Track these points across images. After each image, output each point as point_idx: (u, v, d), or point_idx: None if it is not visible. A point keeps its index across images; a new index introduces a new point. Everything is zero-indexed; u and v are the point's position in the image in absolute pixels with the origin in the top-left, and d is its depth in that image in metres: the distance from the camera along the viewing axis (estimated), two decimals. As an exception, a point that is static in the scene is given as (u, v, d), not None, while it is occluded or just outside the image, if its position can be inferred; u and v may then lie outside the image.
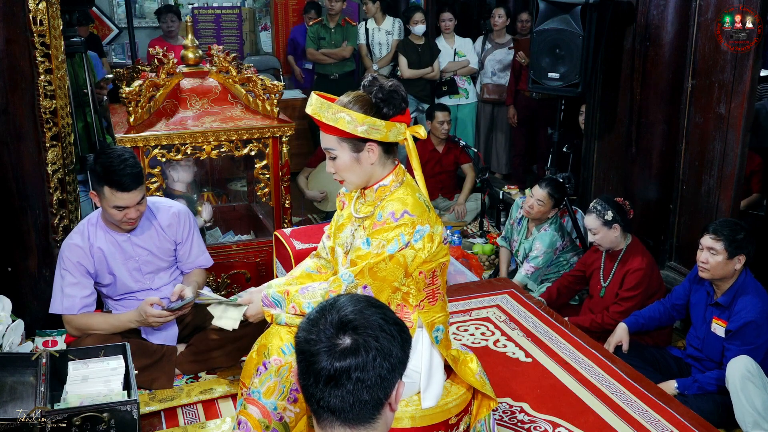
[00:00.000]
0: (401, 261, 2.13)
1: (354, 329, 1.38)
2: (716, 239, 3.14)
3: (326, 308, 1.42)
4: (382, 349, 1.37)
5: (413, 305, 2.24)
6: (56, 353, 2.57)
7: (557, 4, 4.31)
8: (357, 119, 2.12)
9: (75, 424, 2.23)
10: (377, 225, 2.16)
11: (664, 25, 4.08)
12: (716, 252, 3.14)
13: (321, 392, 1.37)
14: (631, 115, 4.36)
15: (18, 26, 3.00)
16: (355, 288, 2.12)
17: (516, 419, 2.81)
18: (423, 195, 2.25)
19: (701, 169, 3.98)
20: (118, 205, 2.78)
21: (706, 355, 3.29)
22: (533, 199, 4.24)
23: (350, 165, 2.20)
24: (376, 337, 1.38)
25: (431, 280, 2.25)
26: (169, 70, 3.57)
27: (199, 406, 2.89)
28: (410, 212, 2.14)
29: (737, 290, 3.18)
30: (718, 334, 3.21)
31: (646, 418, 2.81)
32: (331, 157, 2.22)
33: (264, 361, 2.19)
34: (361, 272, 2.12)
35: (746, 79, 3.69)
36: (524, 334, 3.46)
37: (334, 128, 2.13)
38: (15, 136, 3.10)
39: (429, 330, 2.25)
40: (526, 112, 6.23)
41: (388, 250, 2.12)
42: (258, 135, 3.59)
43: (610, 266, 3.79)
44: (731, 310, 3.18)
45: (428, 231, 2.16)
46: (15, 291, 3.14)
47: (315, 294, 2.18)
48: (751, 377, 2.97)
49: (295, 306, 2.19)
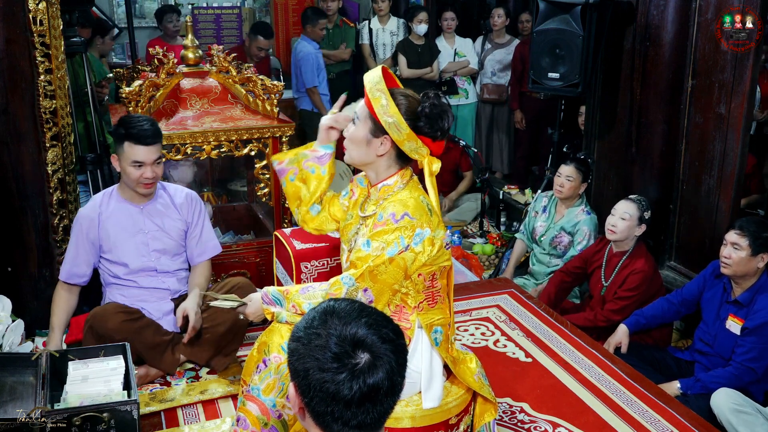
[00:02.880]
0: (401, 264, 2.13)
1: (362, 344, 1.34)
2: (741, 235, 3.13)
3: (319, 333, 1.35)
4: (394, 352, 1.36)
5: (412, 306, 2.25)
6: (56, 353, 2.57)
7: (557, 4, 4.31)
8: (390, 109, 2.15)
9: (75, 424, 2.22)
10: (378, 225, 2.17)
11: (664, 25, 4.08)
12: (740, 248, 3.13)
13: (353, 414, 1.32)
14: (631, 115, 4.36)
15: (18, 26, 3.00)
16: (356, 291, 2.12)
17: (516, 419, 2.81)
18: (427, 198, 2.25)
19: (701, 169, 3.98)
20: (136, 160, 2.86)
21: (715, 352, 3.27)
22: (562, 178, 4.25)
23: (359, 140, 2.24)
24: (383, 339, 1.35)
25: (431, 283, 2.25)
26: (169, 70, 3.57)
27: (199, 406, 2.89)
28: (410, 215, 2.15)
29: (758, 288, 3.16)
30: (733, 332, 3.20)
31: (646, 418, 2.81)
32: (352, 121, 2.27)
33: (264, 359, 2.19)
34: (362, 275, 2.12)
35: (746, 79, 3.69)
36: (524, 334, 3.45)
37: (368, 103, 2.19)
38: (15, 136, 3.10)
39: (428, 332, 2.25)
40: (532, 113, 6.23)
41: (387, 253, 2.12)
42: (258, 135, 3.59)
43: (613, 264, 3.77)
44: (750, 308, 3.16)
45: (429, 234, 2.16)
46: (15, 291, 3.14)
47: (315, 295, 2.18)
48: (741, 408, 2.94)
49: (296, 306, 2.19)
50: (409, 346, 2.22)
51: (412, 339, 2.25)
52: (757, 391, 3.15)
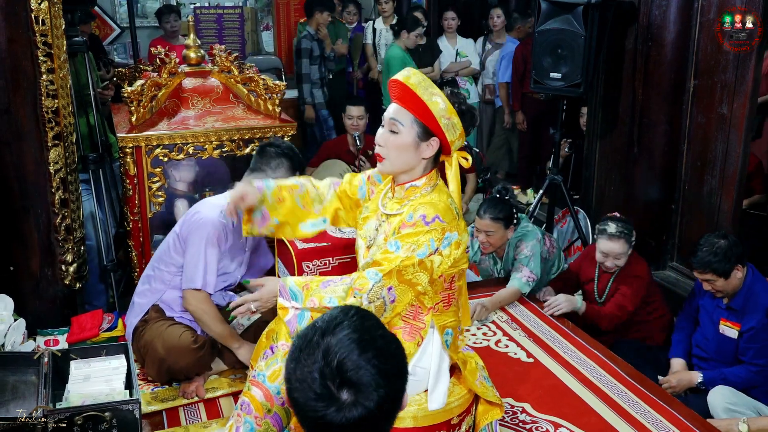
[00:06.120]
0: (428, 266, 2.13)
1: (348, 383, 1.29)
2: (704, 272, 3.14)
3: (303, 368, 1.32)
4: (386, 395, 1.31)
5: (428, 307, 2.25)
6: (58, 352, 2.57)
7: (559, 4, 4.30)
8: (448, 110, 2.15)
9: (77, 423, 2.23)
10: (406, 226, 2.15)
11: (666, 25, 4.08)
12: (713, 279, 3.15)
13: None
14: (633, 115, 4.35)
15: (20, 26, 3.00)
16: (382, 288, 2.08)
17: (518, 419, 2.81)
18: (455, 202, 2.25)
19: (703, 169, 3.98)
20: None
21: (711, 356, 3.28)
22: (482, 234, 3.74)
23: (406, 147, 2.18)
24: (377, 386, 1.30)
25: (449, 285, 2.26)
26: (171, 70, 3.57)
27: (200, 405, 2.89)
28: (441, 218, 2.14)
29: (747, 292, 3.17)
30: (728, 335, 3.20)
31: (647, 418, 2.81)
32: (393, 130, 2.18)
33: (272, 345, 2.21)
34: (390, 273, 2.09)
35: (748, 79, 3.69)
36: (526, 335, 3.45)
37: (419, 106, 2.14)
38: (17, 136, 3.10)
39: (440, 332, 2.26)
40: (534, 114, 6.22)
41: (418, 255, 2.10)
42: (260, 134, 3.58)
43: (606, 279, 3.69)
44: (743, 311, 3.17)
45: (456, 238, 2.17)
46: (17, 290, 3.14)
47: (337, 289, 2.10)
48: (734, 407, 2.97)
49: (315, 300, 2.09)
50: (420, 346, 2.23)
51: (424, 338, 2.25)
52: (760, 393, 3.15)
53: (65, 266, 3.30)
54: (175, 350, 2.83)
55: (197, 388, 2.92)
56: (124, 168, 3.44)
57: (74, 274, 3.34)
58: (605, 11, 4.19)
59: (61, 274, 3.30)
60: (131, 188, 3.44)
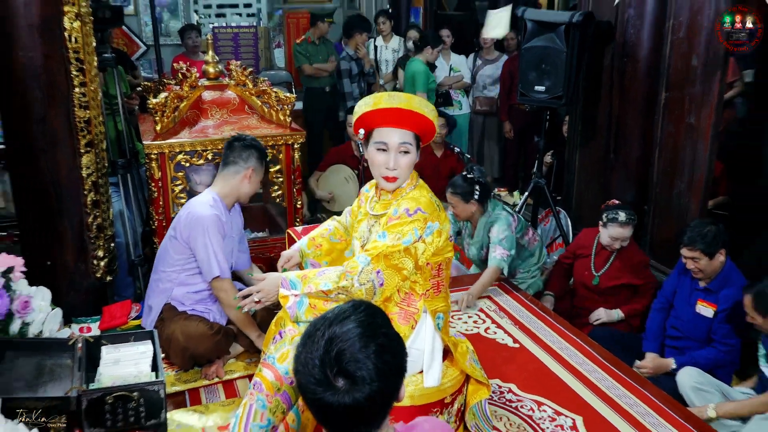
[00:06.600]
0: (413, 252, 2.16)
1: (345, 373, 1.30)
2: (692, 249, 3.15)
3: (303, 354, 1.34)
4: (378, 389, 1.31)
5: (420, 293, 2.28)
6: (91, 338, 2.60)
7: (543, 23, 4.33)
8: (437, 122, 2.26)
9: (107, 402, 2.25)
10: (392, 220, 2.19)
11: (640, 43, 4.09)
12: (698, 258, 3.15)
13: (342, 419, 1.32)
14: (610, 126, 4.37)
15: (55, 43, 3.01)
16: (371, 271, 2.11)
17: (505, 398, 2.83)
18: (435, 198, 2.29)
19: (673, 174, 3.99)
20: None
21: (685, 335, 3.29)
22: (450, 207, 3.89)
23: (412, 162, 2.25)
24: (372, 373, 1.30)
25: (437, 272, 2.29)
26: (192, 84, 3.60)
27: (219, 386, 2.92)
28: (423, 209, 2.19)
29: (724, 276, 3.21)
30: (704, 315, 3.22)
31: (616, 393, 2.85)
32: (405, 151, 2.21)
33: (280, 331, 2.26)
34: (377, 257, 2.13)
35: (714, 91, 3.70)
36: (512, 323, 3.47)
37: (424, 123, 2.20)
38: (52, 143, 3.11)
39: (432, 317, 2.29)
40: (520, 124, 6.23)
41: (403, 242, 2.14)
42: (272, 142, 3.61)
43: (606, 255, 3.75)
44: (718, 294, 3.20)
45: (437, 227, 2.20)
46: (54, 283, 3.14)
47: (331, 276, 2.15)
48: (701, 386, 3.00)
49: (312, 286, 2.15)
50: (414, 329, 2.26)
51: (418, 322, 2.28)
52: (724, 374, 3.17)
53: (97, 261, 3.32)
54: (195, 338, 2.88)
55: (217, 369, 2.95)
56: (149, 172, 3.46)
57: (105, 268, 3.35)
58: (585, 30, 4.21)
59: (93, 268, 3.32)
60: (156, 190, 3.47)
